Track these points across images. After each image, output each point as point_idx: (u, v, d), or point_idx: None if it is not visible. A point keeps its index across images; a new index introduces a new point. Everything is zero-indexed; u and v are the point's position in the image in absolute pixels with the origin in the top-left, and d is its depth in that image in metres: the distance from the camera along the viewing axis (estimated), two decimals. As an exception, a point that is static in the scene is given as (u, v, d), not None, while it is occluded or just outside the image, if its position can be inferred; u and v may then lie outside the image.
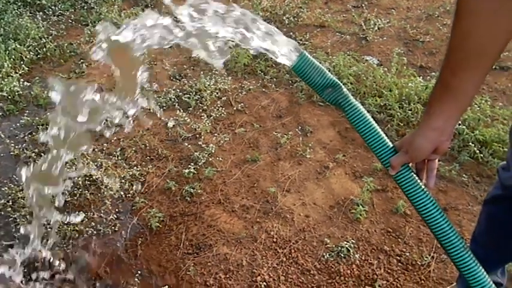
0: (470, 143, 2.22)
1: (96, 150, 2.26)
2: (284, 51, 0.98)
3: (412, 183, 0.98)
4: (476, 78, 0.86)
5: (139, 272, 1.74)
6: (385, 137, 1.00)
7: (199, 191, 2.07)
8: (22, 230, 1.79)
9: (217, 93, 2.66)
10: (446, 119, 0.90)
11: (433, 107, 0.91)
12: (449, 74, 0.87)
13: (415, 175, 0.99)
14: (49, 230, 1.84)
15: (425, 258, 1.78)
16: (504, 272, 1.45)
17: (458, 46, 0.85)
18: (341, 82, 1.01)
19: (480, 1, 0.78)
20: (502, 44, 0.82)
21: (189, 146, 2.31)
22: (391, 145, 0.99)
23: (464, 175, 2.14)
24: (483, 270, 0.97)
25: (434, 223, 0.97)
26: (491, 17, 0.78)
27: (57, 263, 1.72)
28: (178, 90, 2.69)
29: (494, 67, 2.83)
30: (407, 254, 1.81)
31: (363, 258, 1.80)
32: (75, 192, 2.03)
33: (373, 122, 1.00)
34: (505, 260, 1.42)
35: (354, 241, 1.84)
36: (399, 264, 1.78)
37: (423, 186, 0.98)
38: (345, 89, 1.00)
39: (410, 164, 1.00)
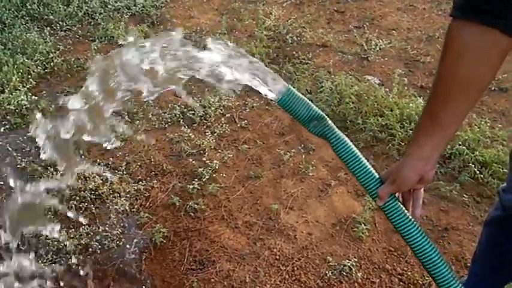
0: (471, 164, 2.26)
1: (101, 164, 2.29)
2: (271, 86, 0.98)
3: (399, 213, 0.99)
4: (464, 109, 0.88)
5: (143, 287, 1.75)
6: (371, 168, 1.01)
7: (203, 207, 2.09)
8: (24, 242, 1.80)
9: (221, 110, 2.71)
10: (432, 149, 0.92)
11: (420, 136, 0.93)
12: (437, 105, 0.89)
13: (401, 205, 1.00)
14: (53, 243, 1.87)
15: (427, 278, 1.80)
16: (504, 293, 1.47)
17: (446, 78, 0.87)
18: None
19: (468, 36, 0.80)
20: (489, 76, 0.84)
21: (193, 161, 2.34)
22: (378, 176, 1.01)
23: (464, 195, 2.17)
24: None
25: (422, 252, 0.99)
26: (479, 51, 0.80)
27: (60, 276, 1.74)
28: (183, 107, 2.73)
29: (493, 88, 2.89)
30: (409, 273, 1.83)
31: (365, 276, 1.81)
32: (81, 206, 2.06)
33: (359, 153, 1.01)
34: (504, 281, 1.44)
35: (356, 259, 1.86)
36: (401, 283, 1.80)
37: (410, 216, 1.00)
38: (330, 121, 1.01)
39: (396, 194, 1.01)
